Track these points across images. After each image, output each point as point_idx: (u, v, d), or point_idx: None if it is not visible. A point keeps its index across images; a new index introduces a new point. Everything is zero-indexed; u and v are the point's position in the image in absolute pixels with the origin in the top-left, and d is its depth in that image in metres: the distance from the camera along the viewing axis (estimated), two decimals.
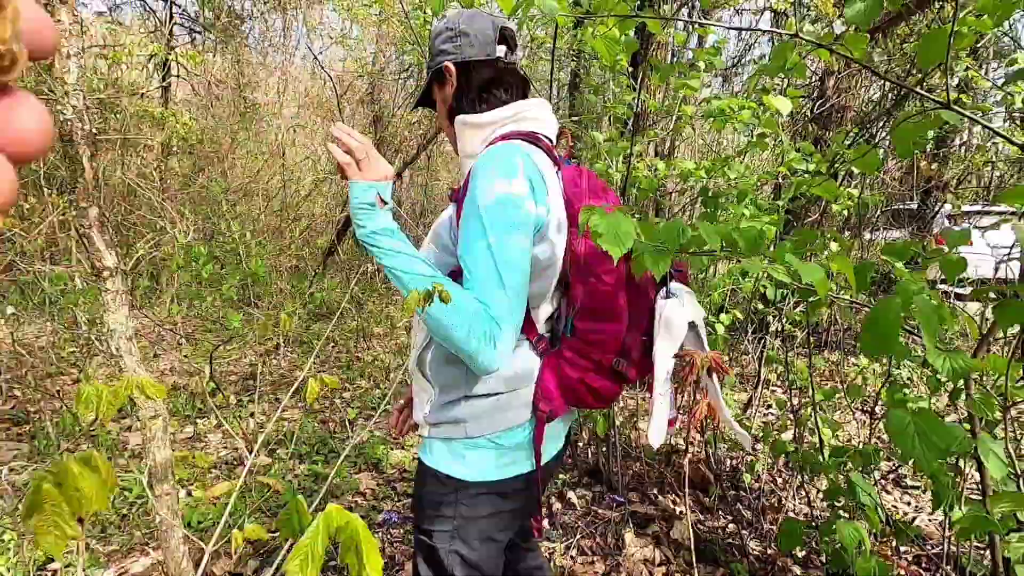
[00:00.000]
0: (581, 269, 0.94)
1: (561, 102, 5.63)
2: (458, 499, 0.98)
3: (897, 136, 0.77)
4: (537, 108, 1.01)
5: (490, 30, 1.00)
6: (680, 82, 1.68)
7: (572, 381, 0.97)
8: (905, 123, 0.77)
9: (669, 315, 0.93)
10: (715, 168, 2.18)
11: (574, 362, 0.97)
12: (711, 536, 2.32)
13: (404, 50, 6.26)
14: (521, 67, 1.06)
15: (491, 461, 0.98)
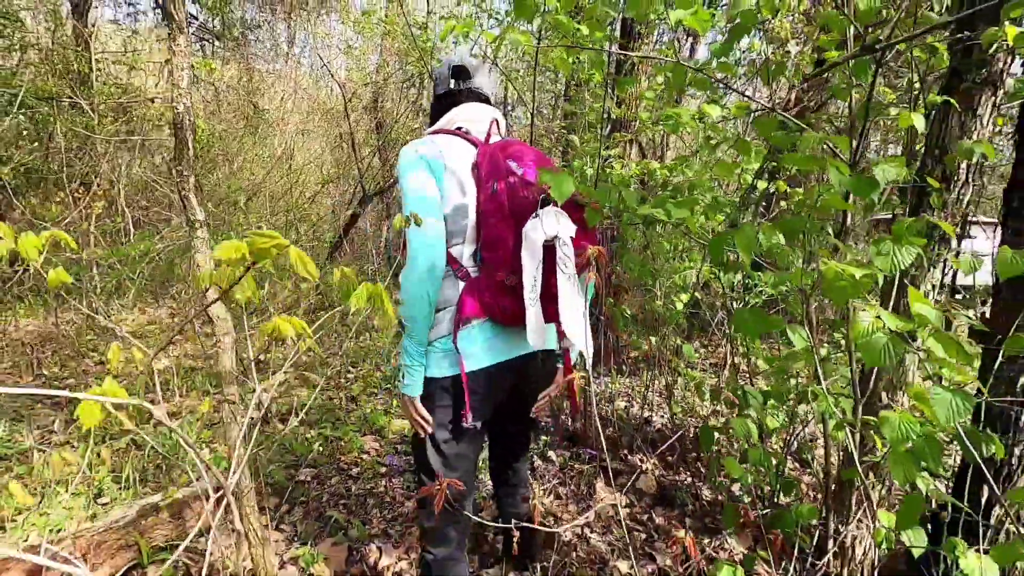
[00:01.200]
0: (481, 216, 1.30)
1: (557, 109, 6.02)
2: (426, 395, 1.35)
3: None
4: (469, 111, 1.42)
5: (446, 71, 1.47)
6: (642, 92, 2.05)
7: (484, 297, 1.31)
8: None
9: (528, 232, 1.22)
10: (675, 167, 2.55)
11: (484, 283, 1.31)
12: (672, 487, 2.67)
13: (407, 61, 6.65)
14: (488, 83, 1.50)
15: (434, 362, 1.33)
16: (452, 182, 1.31)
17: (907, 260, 0.81)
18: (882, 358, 0.74)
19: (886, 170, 0.86)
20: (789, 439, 1.91)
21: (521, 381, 1.44)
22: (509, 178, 1.30)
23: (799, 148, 0.94)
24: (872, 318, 0.75)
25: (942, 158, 1.11)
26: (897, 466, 0.96)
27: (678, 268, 2.75)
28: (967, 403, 0.75)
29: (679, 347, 2.84)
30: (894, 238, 0.82)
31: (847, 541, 1.14)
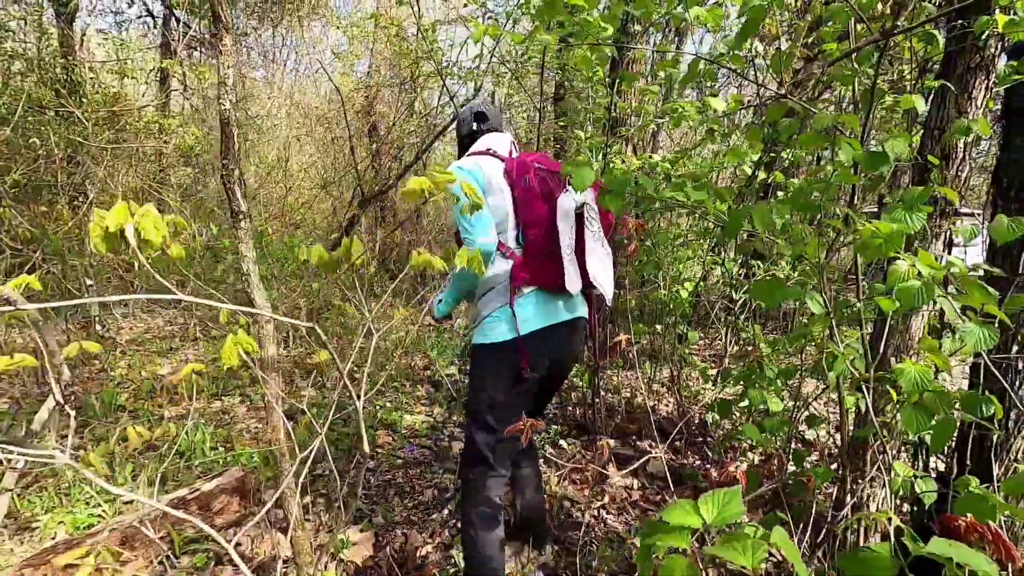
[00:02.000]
0: (519, 203, 1.60)
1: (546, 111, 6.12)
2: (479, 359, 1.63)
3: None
4: (492, 139, 1.76)
5: (469, 116, 1.85)
6: (643, 88, 2.14)
7: (532, 268, 1.58)
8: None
9: (561, 202, 1.57)
10: (677, 160, 2.65)
11: (529, 258, 1.60)
12: (681, 469, 2.76)
13: (400, 65, 6.72)
14: (498, 121, 1.84)
15: (493, 328, 1.59)
16: (489, 185, 1.62)
17: (917, 224, 0.90)
18: (916, 300, 0.83)
19: (895, 145, 0.95)
20: (796, 416, 2.00)
21: (563, 342, 1.66)
22: (539, 171, 1.64)
23: (812, 126, 1.03)
24: (908, 265, 0.84)
25: (940, 138, 1.21)
26: (910, 417, 1.05)
27: (681, 256, 2.84)
28: (993, 334, 0.84)
29: (683, 335, 2.93)
30: (905, 206, 0.91)
31: (863, 497, 1.23)
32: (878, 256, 0.87)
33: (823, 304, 1.12)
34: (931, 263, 0.85)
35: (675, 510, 0.70)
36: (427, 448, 2.99)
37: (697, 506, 0.71)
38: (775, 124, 1.46)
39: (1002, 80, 1.28)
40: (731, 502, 0.72)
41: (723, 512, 0.70)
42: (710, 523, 0.68)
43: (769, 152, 2.73)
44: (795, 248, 1.10)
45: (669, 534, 0.67)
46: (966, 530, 0.78)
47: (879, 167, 0.94)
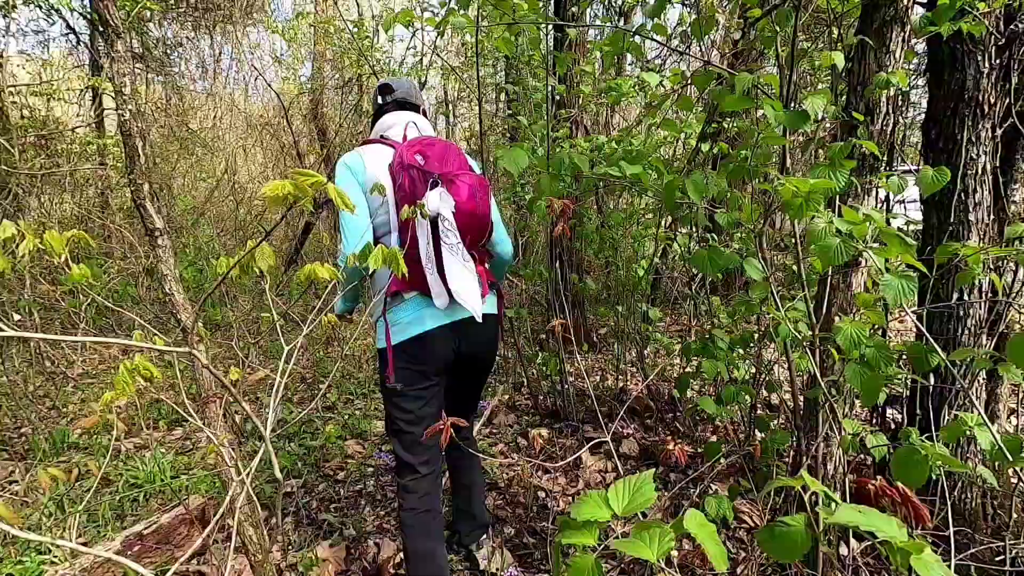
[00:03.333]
0: (397, 205, 1.51)
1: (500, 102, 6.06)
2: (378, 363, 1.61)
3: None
4: (389, 119, 1.68)
5: (376, 91, 1.74)
6: (578, 68, 2.11)
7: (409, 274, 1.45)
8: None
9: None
10: (621, 138, 2.63)
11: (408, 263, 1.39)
12: (652, 447, 2.77)
13: (342, 65, 6.55)
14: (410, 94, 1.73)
15: (379, 335, 1.56)
16: (370, 183, 1.52)
17: (842, 180, 0.89)
18: (835, 257, 0.82)
19: (814, 102, 0.94)
20: (757, 382, 2.02)
21: (461, 341, 1.61)
22: (411, 170, 1.49)
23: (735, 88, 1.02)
24: (825, 223, 0.83)
25: (863, 93, 1.21)
26: (854, 374, 1.04)
27: (636, 235, 2.84)
28: (911, 284, 0.83)
29: (645, 313, 2.93)
30: (828, 163, 0.90)
31: (817, 456, 1.23)
32: (800, 216, 0.86)
33: (761, 269, 1.11)
34: (852, 218, 0.84)
35: (585, 504, 0.67)
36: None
37: (607, 498, 0.68)
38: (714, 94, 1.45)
39: (918, 31, 1.29)
40: (641, 489, 0.69)
41: (633, 501, 0.67)
42: (620, 513, 0.65)
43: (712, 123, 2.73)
44: (731, 214, 1.09)
45: (578, 531, 0.63)
46: (877, 494, 0.77)
47: (801, 124, 0.93)
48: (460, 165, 1.56)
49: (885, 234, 0.85)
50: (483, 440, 2.98)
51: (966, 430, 0.90)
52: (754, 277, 1.11)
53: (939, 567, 0.54)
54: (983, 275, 1.09)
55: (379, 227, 1.55)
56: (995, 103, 1.59)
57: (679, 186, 1.05)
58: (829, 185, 0.84)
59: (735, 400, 1.57)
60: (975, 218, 1.66)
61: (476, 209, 1.51)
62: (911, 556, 0.54)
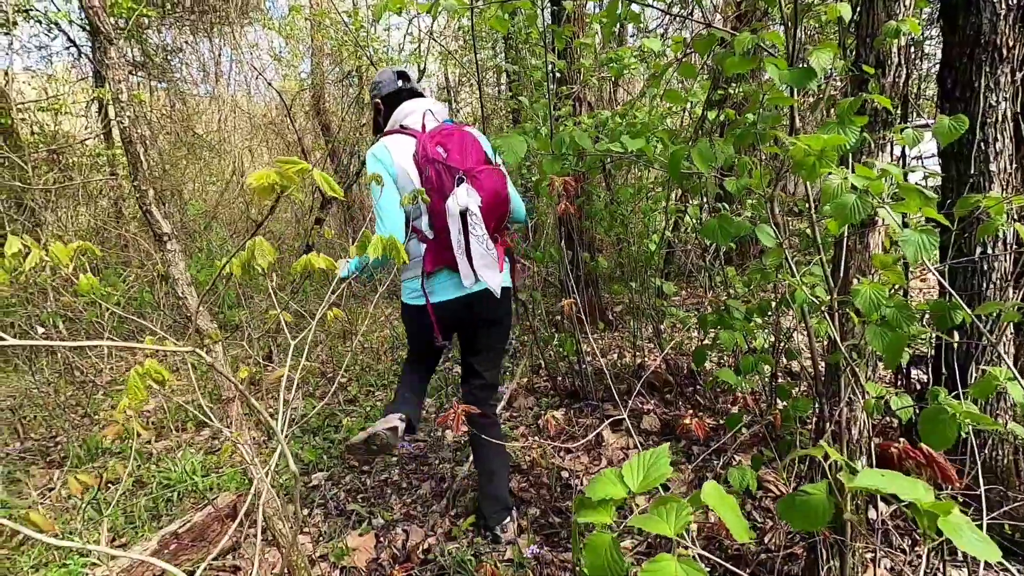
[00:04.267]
0: (428, 194, 1.64)
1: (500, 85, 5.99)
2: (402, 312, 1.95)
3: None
4: (407, 107, 1.81)
5: (391, 74, 1.87)
6: (578, 42, 2.06)
7: (439, 254, 1.76)
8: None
9: (448, 206, 1.67)
10: (625, 112, 2.58)
11: (439, 245, 1.76)
12: (673, 421, 2.75)
13: (341, 58, 6.51)
14: (420, 84, 1.89)
15: (410, 294, 1.87)
16: (401, 171, 1.73)
17: (852, 138, 0.85)
18: (851, 214, 0.79)
19: (820, 57, 0.90)
20: (777, 350, 1.99)
21: (478, 309, 1.87)
22: (436, 164, 1.69)
23: (735, 50, 0.98)
24: (840, 179, 0.80)
25: (873, 44, 1.16)
26: (875, 337, 1.02)
27: (645, 209, 2.80)
28: (932, 239, 0.80)
29: (659, 288, 2.90)
30: (838, 119, 0.87)
31: (841, 422, 1.21)
32: (814, 176, 0.82)
33: (774, 235, 1.08)
34: (867, 174, 0.81)
35: (599, 482, 0.66)
36: (421, 441, 2.96)
37: (621, 474, 0.67)
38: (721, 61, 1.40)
39: None
40: (656, 463, 0.67)
41: (648, 476, 0.66)
42: (636, 490, 0.64)
43: (718, 90, 2.67)
44: (740, 180, 1.06)
45: (593, 509, 0.62)
46: (900, 456, 0.75)
47: (807, 82, 0.89)
48: (478, 159, 1.73)
49: (903, 188, 0.81)
50: (504, 424, 2.99)
51: (996, 385, 0.87)
52: (767, 244, 1.08)
53: (968, 527, 0.52)
54: (1007, 226, 1.05)
55: (413, 211, 1.77)
56: (1014, 46, 1.52)
57: (684, 156, 1.02)
58: (842, 141, 0.80)
59: (754, 370, 1.55)
60: (997, 168, 1.60)
61: (498, 201, 1.72)
62: (939, 518, 0.53)
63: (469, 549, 1.99)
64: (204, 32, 8.66)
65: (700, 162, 1.01)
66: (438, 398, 3.52)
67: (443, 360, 4.33)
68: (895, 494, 0.52)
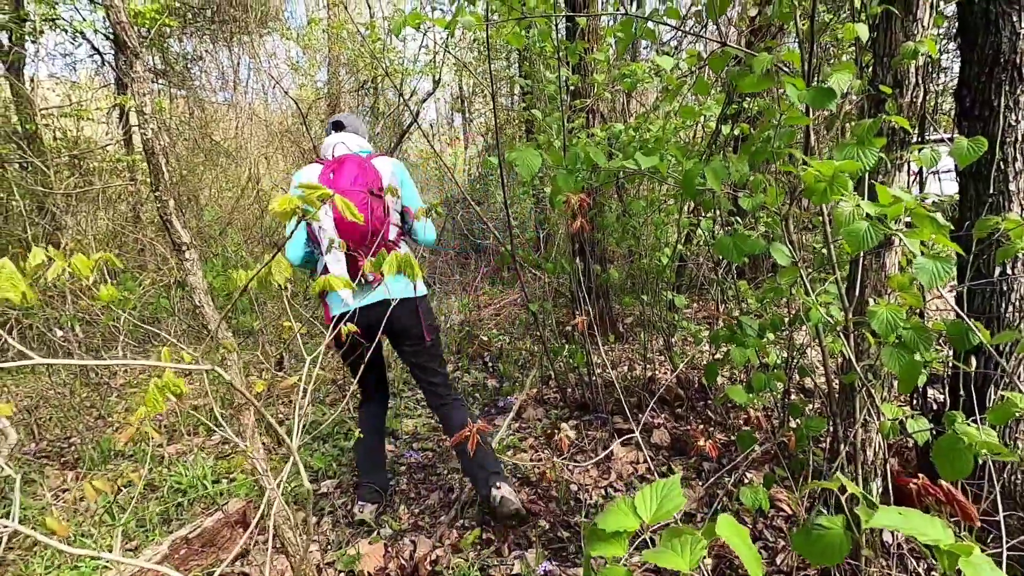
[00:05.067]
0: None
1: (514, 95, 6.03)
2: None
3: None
4: (328, 141, 2.19)
5: (330, 125, 2.28)
6: (591, 56, 2.07)
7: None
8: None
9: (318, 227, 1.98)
10: (639, 124, 2.59)
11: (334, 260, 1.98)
12: (684, 436, 2.73)
13: (357, 68, 6.60)
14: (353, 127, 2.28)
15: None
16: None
17: (870, 160, 0.85)
18: (863, 242, 0.78)
19: (839, 78, 0.90)
20: (790, 367, 1.97)
21: (373, 320, 2.01)
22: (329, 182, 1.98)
23: (753, 70, 0.98)
24: (852, 207, 0.79)
25: (891, 64, 1.16)
26: (891, 358, 1.01)
27: (657, 221, 2.79)
28: (947, 266, 0.79)
29: (671, 301, 2.89)
30: (856, 141, 0.86)
31: (857, 443, 1.19)
32: (825, 200, 0.82)
33: (788, 253, 1.08)
34: (883, 198, 0.80)
35: (612, 513, 0.65)
36: (429, 450, 2.96)
37: (634, 505, 0.65)
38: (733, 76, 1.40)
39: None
40: (669, 495, 0.66)
41: (662, 507, 0.64)
42: (649, 521, 0.63)
43: (732, 104, 2.66)
44: (755, 198, 1.06)
45: (606, 542, 0.61)
46: (919, 493, 0.74)
47: (826, 103, 0.89)
48: (356, 182, 1.99)
49: (916, 215, 0.81)
50: (512, 435, 2.99)
51: (1015, 412, 0.85)
52: (781, 262, 1.07)
53: (990, 568, 0.51)
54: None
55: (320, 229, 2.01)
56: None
57: (699, 174, 1.02)
58: (855, 167, 0.80)
59: (766, 387, 1.53)
60: (1016, 187, 1.58)
61: (352, 223, 1.92)
62: (960, 559, 0.52)
63: (476, 562, 1.98)
64: (224, 41, 8.82)
65: (713, 180, 1.01)
66: None
67: (455, 370, 4.34)
68: (915, 534, 0.51)
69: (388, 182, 2.06)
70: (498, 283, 7.07)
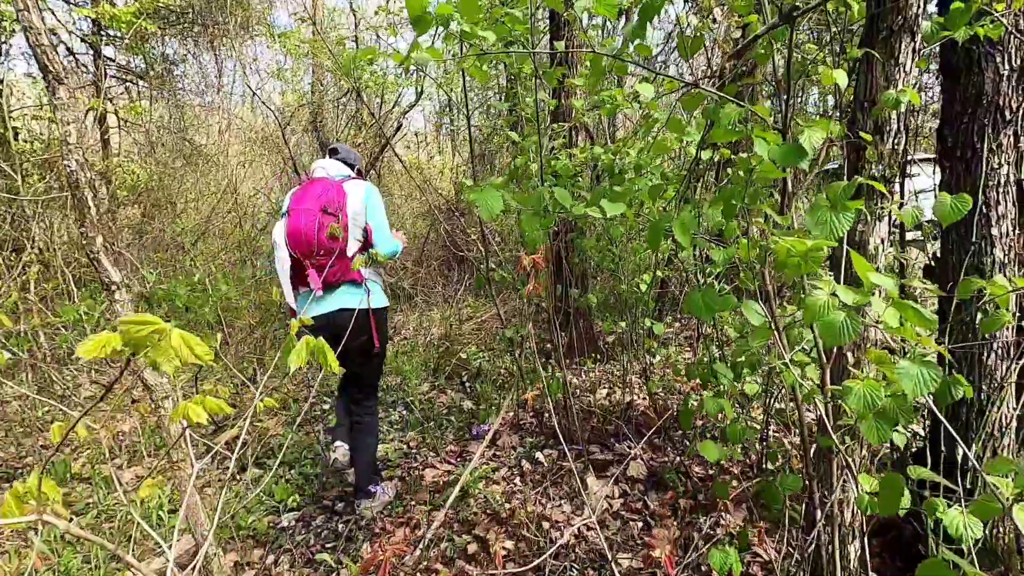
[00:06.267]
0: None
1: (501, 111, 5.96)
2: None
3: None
4: (314, 164, 2.43)
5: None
6: (569, 82, 2.00)
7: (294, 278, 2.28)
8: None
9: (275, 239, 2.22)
10: (619, 149, 2.52)
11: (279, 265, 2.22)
12: (661, 469, 2.65)
13: (340, 76, 6.50)
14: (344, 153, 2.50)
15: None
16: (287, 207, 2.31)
17: (844, 227, 0.78)
18: (841, 336, 0.71)
19: (811, 136, 0.83)
20: (768, 404, 1.90)
21: (332, 327, 2.19)
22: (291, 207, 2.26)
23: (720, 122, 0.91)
24: (827, 295, 0.72)
25: (871, 110, 1.10)
26: (869, 430, 0.94)
27: (637, 249, 2.73)
28: (934, 373, 0.72)
29: (650, 329, 2.82)
30: (830, 204, 0.79)
31: (834, 508, 1.12)
32: (797, 274, 0.75)
33: (762, 313, 1.00)
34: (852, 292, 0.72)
35: None
36: (399, 478, 2.84)
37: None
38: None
39: (929, 38, 1.17)
40: None
41: None
42: None
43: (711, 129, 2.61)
44: (726, 251, 0.98)
45: None
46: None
47: (797, 161, 0.82)
48: (316, 200, 2.19)
49: (898, 305, 0.74)
50: (485, 464, 2.89)
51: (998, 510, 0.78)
52: (754, 323, 1.00)
53: None
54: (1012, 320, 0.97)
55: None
56: (1017, 108, 1.46)
57: (665, 227, 0.95)
58: (828, 244, 0.73)
59: (741, 440, 1.46)
60: (998, 232, 1.53)
61: (299, 235, 2.16)
62: None
63: None
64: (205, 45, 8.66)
65: (681, 234, 0.93)
66: (421, 431, 3.41)
67: (430, 390, 4.23)
68: None
69: (351, 203, 2.24)
70: (482, 296, 6.98)
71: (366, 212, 2.28)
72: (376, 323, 2.31)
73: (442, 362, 4.60)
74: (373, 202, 2.31)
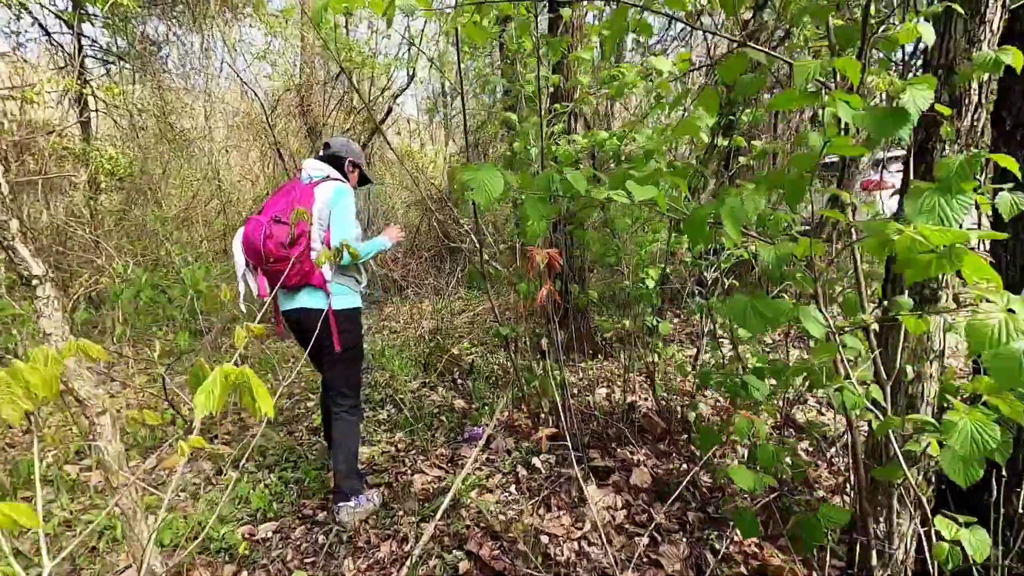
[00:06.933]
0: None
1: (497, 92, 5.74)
2: None
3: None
4: (303, 164, 2.45)
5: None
6: (574, 55, 1.80)
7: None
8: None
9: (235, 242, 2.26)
10: (626, 134, 2.32)
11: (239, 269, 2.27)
12: (667, 477, 2.49)
13: (328, 59, 6.24)
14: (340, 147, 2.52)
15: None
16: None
17: (959, 215, 0.60)
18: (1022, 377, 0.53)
19: (916, 96, 0.64)
20: (786, 412, 1.72)
21: (299, 326, 2.33)
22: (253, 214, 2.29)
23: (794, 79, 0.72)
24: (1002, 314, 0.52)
25: (948, 79, 0.91)
26: (954, 467, 0.75)
27: (643, 242, 2.54)
28: None
29: (654, 327, 2.64)
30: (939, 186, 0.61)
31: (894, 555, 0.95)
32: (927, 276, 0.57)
33: (825, 322, 0.82)
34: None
35: None
36: (386, 485, 2.66)
37: None
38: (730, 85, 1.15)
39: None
40: None
41: None
42: None
43: (726, 115, 2.42)
44: (780, 247, 0.79)
45: None
46: None
47: (894, 130, 0.64)
48: (276, 207, 2.20)
49: None
50: (480, 469, 2.71)
51: None
52: (815, 334, 0.82)
53: None
54: None
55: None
56: None
57: (709, 215, 0.76)
58: (964, 237, 0.54)
59: (773, 464, 1.27)
60: None
61: (247, 243, 2.20)
62: None
63: None
64: (190, 26, 8.33)
65: (731, 225, 0.75)
66: (410, 432, 3.22)
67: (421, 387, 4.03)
68: None
69: (316, 206, 2.22)
70: (475, 288, 6.78)
71: (330, 215, 2.25)
72: (337, 325, 2.27)
73: (432, 358, 4.40)
74: (340, 206, 2.27)
